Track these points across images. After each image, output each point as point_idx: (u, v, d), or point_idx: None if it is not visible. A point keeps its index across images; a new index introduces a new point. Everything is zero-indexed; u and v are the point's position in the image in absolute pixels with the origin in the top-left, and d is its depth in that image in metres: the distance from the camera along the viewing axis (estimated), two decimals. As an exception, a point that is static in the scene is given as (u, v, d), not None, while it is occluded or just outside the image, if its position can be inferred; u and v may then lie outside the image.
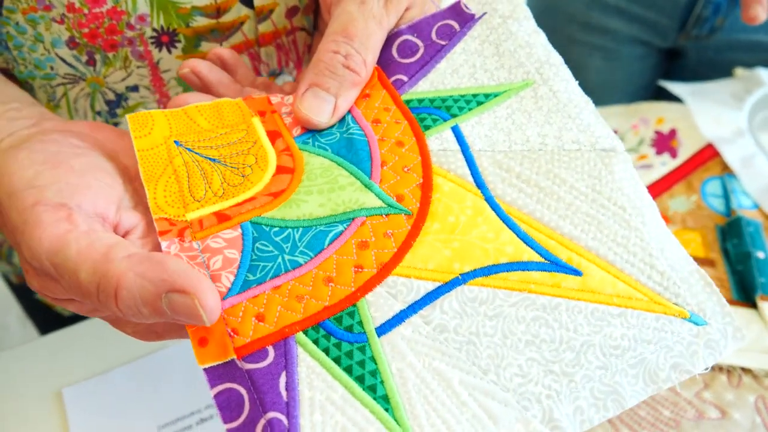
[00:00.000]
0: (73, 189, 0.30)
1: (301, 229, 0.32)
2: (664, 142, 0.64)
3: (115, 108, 0.45)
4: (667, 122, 0.66)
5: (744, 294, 0.51)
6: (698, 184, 0.60)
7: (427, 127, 0.35)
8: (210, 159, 0.34)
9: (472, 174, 0.33)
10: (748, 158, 0.60)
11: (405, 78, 0.37)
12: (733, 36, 0.76)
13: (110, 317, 0.32)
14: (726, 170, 0.60)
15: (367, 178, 0.33)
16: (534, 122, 0.34)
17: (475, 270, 0.30)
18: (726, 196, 0.58)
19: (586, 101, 0.34)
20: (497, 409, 0.27)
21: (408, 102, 0.36)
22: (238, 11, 0.42)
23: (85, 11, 0.38)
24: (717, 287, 0.31)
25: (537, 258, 0.31)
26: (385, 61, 0.37)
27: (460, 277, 0.30)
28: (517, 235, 0.31)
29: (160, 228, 0.31)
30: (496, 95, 0.35)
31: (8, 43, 0.40)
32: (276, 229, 0.32)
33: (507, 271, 0.30)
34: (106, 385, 0.49)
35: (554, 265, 0.30)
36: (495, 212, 0.32)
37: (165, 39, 0.41)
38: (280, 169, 0.34)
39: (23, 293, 0.68)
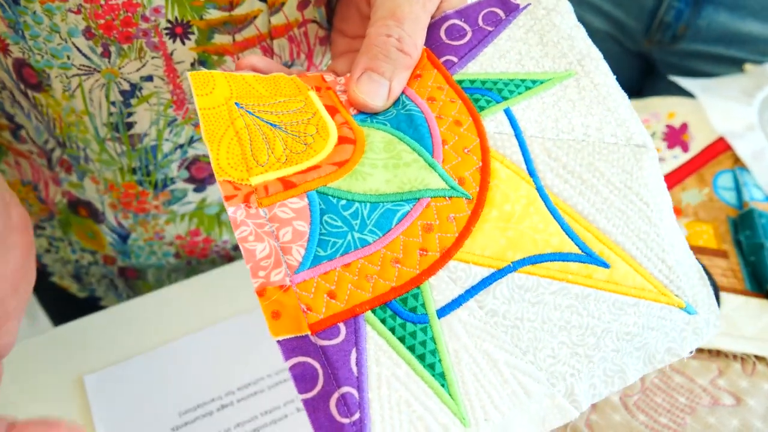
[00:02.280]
0: None
1: (368, 204, 0.32)
2: (676, 136, 0.65)
3: (129, 98, 0.45)
4: (678, 116, 0.66)
5: (757, 284, 0.52)
6: (710, 177, 0.61)
7: (482, 108, 0.35)
8: (270, 124, 0.34)
9: (525, 161, 0.34)
10: (759, 152, 0.61)
11: (455, 59, 0.37)
12: (693, 47, 0.78)
13: None
14: (737, 163, 0.61)
15: (430, 157, 0.34)
16: (577, 112, 0.35)
17: (524, 258, 0.32)
18: (738, 188, 0.59)
19: (623, 96, 0.35)
20: (531, 386, 0.30)
21: (460, 82, 0.36)
22: (251, 5, 0.43)
23: (102, 2, 0.39)
24: (710, 279, 0.33)
25: (575, 250, 0.32)
26: (433, 43, 0.38)
27: (511, 265, 0.32)
28: (562, 227, 0.33)
29: (225, 192, 0.31)
30: (542, 82, 0.36)
31: (25, 33, 0.40)
32: (343, 202, 0.32)
33: (550, 261, 0.32)
34: (127, 373, 0.49)
35: (588, 257, 0.32)
36: (544, 203, 0.33)
37: (179, 31, 0.42)
38: (342, 140, 0.34)
39: (37, 277, 0.68)
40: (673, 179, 0.61)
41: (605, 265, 0.32)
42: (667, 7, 0.76)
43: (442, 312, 0.31)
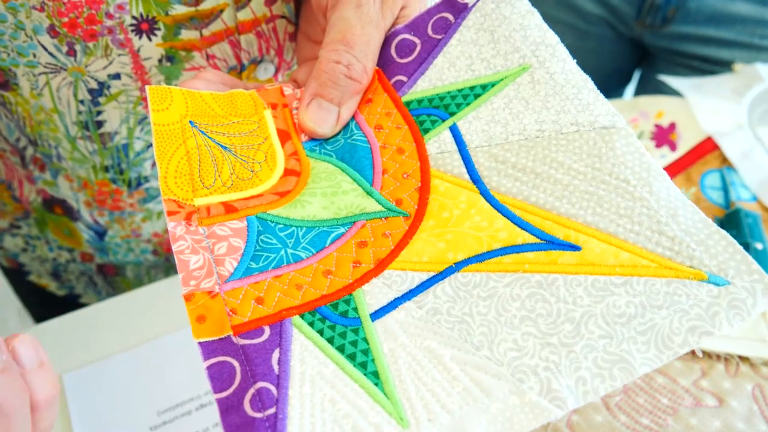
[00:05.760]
0: None
1: (304, 228, 0.33)
2: (664, 136, 0.64)
3: (97, 96, 0.45)
4: (666, 116, 0.66)
5: (742, 284, 0.52)
6: (697, 177, 0.60)
7: (426, 131, 0.35)
8: (221, 146, 0.35)
9: (468, 171, 0.33)
10: (747, 152, 0.60)
11: (404, 78, 0.37)
12: (683, 29, 0.79)
13: None
14: (725, 163, 0.60)
15: (369, 185, 0.34)
16: (531, 109, 0.34)
17: (468, 258, 0.31)
18: (725, 188, 0.58)
19: (585, 80, 0.34)
20: (489, 383, 0.27)
21: (408, 104, 0.36)
22: None
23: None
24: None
25: (532, 239, 0.31)
26: (384, 62, 0.37)
27: (453, 266, 0.31)
28: (511, 221, 0.31)
29: (169, 208, 0.32)
30: (493, 84, 0.35)
31: None
32: (281, 226, 0.33)
33: (499, 256, 0.30)
34: (106, 371, 0.49)
35: (550, 243, 0.30)
36: (489, 203, 0.32)
37: (144, 27, 0.41)
38: (288, 172, 0.35)
39: (15, 277, 0.68)
40: (660, 178, 0.61)
41: (574, 248, 0.30)
42: None
43: (376, 315, 0.30)
